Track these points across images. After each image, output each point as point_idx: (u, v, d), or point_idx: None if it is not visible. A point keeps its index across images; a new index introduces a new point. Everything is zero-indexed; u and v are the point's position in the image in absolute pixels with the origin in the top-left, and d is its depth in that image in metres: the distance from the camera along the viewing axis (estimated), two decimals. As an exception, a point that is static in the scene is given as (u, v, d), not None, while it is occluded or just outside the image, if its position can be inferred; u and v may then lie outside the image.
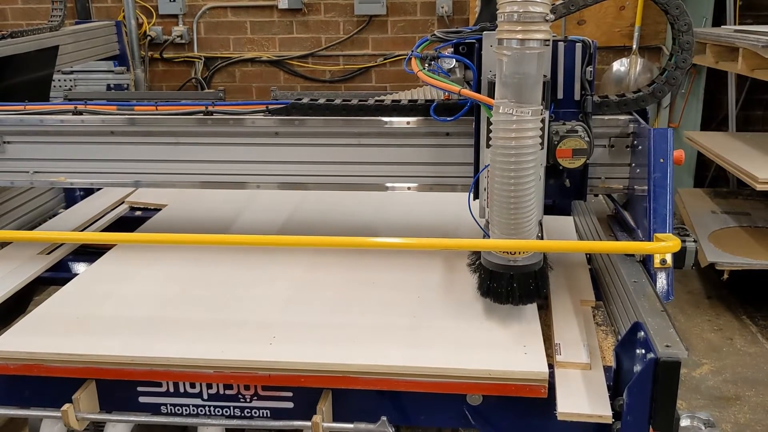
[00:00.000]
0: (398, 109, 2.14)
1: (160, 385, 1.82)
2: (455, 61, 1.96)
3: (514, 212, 1.74)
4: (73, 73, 4.80)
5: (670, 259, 1.84)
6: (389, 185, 2.22)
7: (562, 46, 1.91)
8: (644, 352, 1.53)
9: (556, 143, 1.88)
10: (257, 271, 2.23)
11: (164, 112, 2.23)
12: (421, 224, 2.64)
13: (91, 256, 2.44)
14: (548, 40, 1.67)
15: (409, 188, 2.22)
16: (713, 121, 5.79)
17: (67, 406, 1.76)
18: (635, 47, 5.56)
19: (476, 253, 1.94)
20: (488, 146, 1.79)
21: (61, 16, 3.87)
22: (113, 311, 2.00)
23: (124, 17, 6.09)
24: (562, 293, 2.04)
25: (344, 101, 2.19)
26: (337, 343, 1.80)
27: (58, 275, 2.42)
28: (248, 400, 1.81)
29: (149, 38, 6.29)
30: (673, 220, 1.88)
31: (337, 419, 1.76)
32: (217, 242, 2.26)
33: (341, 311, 1.98)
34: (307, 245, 2.30)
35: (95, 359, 1.78)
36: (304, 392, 1.76)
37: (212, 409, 1.83)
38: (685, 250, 1.88)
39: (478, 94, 1.86)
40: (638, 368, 1.53)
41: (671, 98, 5.59)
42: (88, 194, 3.13)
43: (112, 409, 1.86)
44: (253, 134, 2.21)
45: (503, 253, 1.80)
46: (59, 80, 4.71)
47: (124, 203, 3.01)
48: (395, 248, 2.29)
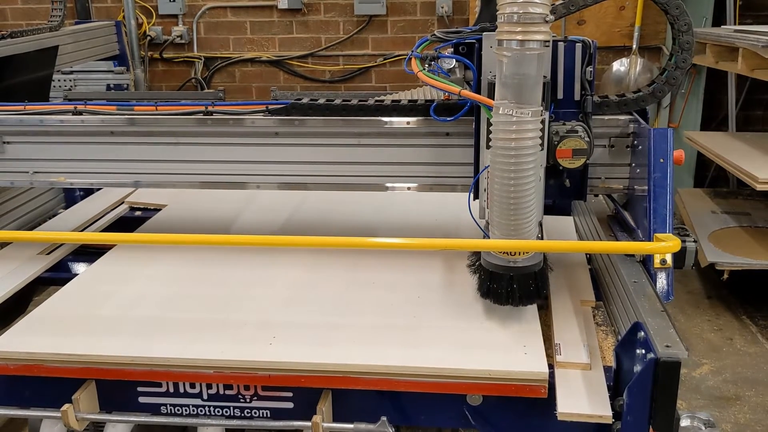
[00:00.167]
0: (398, 109, 2.14)
1: (160, 385, 1.82)
2: (455, 61, 1.96)
3: (514, 213, 1.74)
4: (72, 73, 4.80)
5: (670, 259, 1.84)
6: (389, 185, 2.22)
7: (562, 46, 1.91)
8: (644, 352, 1.53)
9: (556, 143, 1.88)
10: (257, 271, 2.23)
11: (164, 112, 2.23)
12: (420, 224, 2.63)
13: (91, 256, 2.44)
14: (548, 41, 1.67)
15: (409, 188, 2.22)
16: (713, 121, 5.79)
17: (67, 406, 1.76)
18: (635, 47, 5.56)
19: (476, 254, 1.94)
20: (488, 147, 1.78)
21: (60, 16, 3.87)
22: (113, 311, 2.00)
23: (123, 17, 6.09)
24: (562, 293, 2.04)
25: (344, 101, 2.19)
26: (337, 343, 1.80)
27: (58, 275, 2.42)
28: (248, 400, 1.81)
29: (149, 38, 6.29)
30: (673, 220, 1.88)
31: (337, 419, 1.76)
32: (216, 242, 2.26)
33: (341, 311, 1.98)
34: (307, 245, 2.30)
35: (95, 359, 1.78)
36: (304, 392, 1.76)
37: (212, 409, 1.83)
38: (685, 250, 1.88)
39: (477, 95, 1.86)
40: (638, 368, 1.53)
41: (671, 98, 5.59)
42: (87, 194, 3.13)
43: (112, 409, 1.86)
44: (252, 134, 2.21)
45: (503, 254, 1.79)
46: (59, 80, 4.71)
47: (123, 203, 3.01)
48: (395, 248, 2.29)
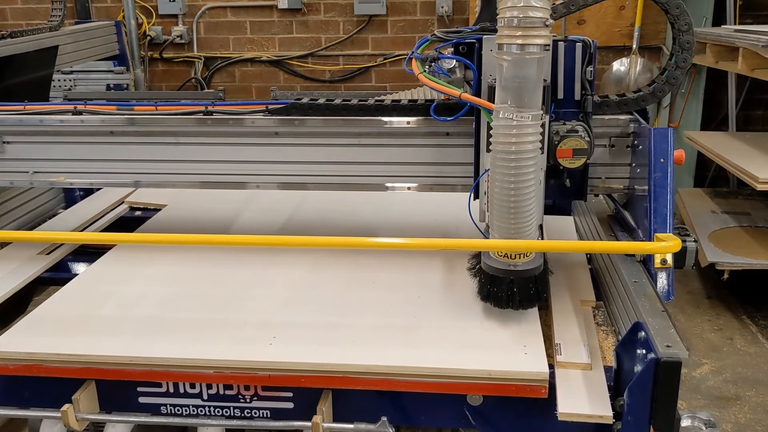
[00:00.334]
0: (398, 109, 2.14)
1: (160, 385, 1.82)
2: (455, 61, 1.96)
3: (514, 216, 1.74)
4: (72, 73, 4.79)
5: (670, 259, 1.84)
6: (389, 185, 2.22)
7: (562, 45, 1.91)
8: (645, 352, 1.53)
9: (556, 143, 1.87)
10: (257, 271, 2.23)
11: (164, 112, 2.23)
12: (421, 224, 2.63)
13: (90, 256, 2.43)
14: (548, 44, 1.67)
15: (409, 188, 2.22)
16: (713, 120, 5.79)
17: (66, 406, 1.76)
18: (635, 47, 5.56)
19: (476, 257, 1.94)
20: (488, 150, 1.78)
21: (60, 16, 3.87)
22: (113, 311, 2.00)
23: (123, 17, 6.09)
24: (562, 293, 2.04)
25: (344, 101, 2.18)
26: (337, 343, 1.80)
27: (57, 275, 2.42)
28: (248, 400, 1.80)
29: (149, 38, 6.29)
30: (673, 220, 1.88)
31: (337, 419, 1.76)
32: (216, 242, 2.26)
33: (341, 311, 1.97)
34: (307, 245, 2.30)
35: (95, 359, 1.77)
36: (304, 392, 1.76)
37: (212, 409, 1.83)
38: (685, 250, 1.88)
39: (478, 98, 1.86)
40: (639, 368, 1.53)
41: (671, 98, 5.59)
42: (87, 194, 3.13)
43: (111, 409, 1.85)
44: (252, 134, 2.21)
45: (503, 257, 1.79)
46: (59, 80, 4.71)
47: (123, 203, 3.01)
48: (395, 248, 2.29)
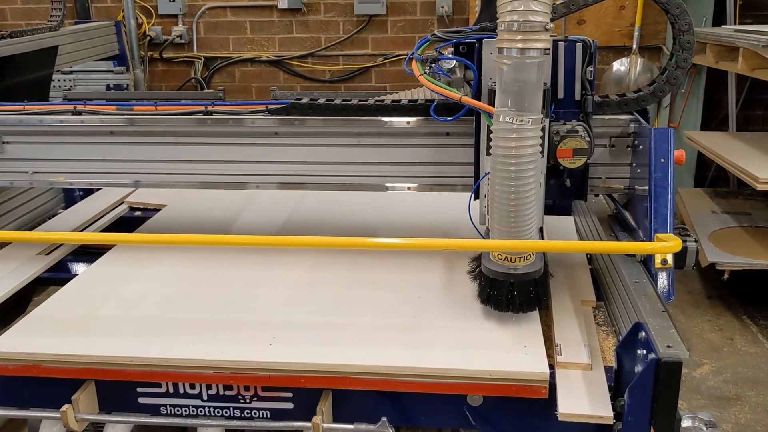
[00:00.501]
0: (398, 109, 2.14)
1: (159, 385, 1.82)
2: (455, 61, 1.96)
3: (514, 220, 1.74)
4: (72, 73, 4.79)
5: (671, 259, 1.84)
6: (389, 185, 2.22)
7: (562, 45, 1.91)
8: (645, 352, 1.53)
9: (556, 143, 1.87)
10: (257, 271, 2.23)
11: (164, 112, 2.23)
12: (421, 224, 2.63)
13: (90, 256, 2.43)
14: (548, 48, 1.67)
15: (409, 188, 2.22)
16: (713, 120, 5.79)
17: (66, 406, 1.76)
18: (635, 47, 5.56)
19: (476, 260, 1.93)
20: (488, 154, 1.78)
21: (60, 16, 3.86)
22: (113, 312, 2.00)
23: (123, 17, 6.08)
24: (562, 293, 2.03)
25: (344, 101, 2.18)
26: (337, 343, 1.80)
27: (57, 275, 2.42)
28: (248, 400, 1.80)
29: (149, 38, 6.29)
30: (673, 220, 1.87)
31: (337, 420, 1.76)
32: (216, 243, 2.26)
33: (341, 311, 1.97)
34: (306, 246, 2.30)
35: (95, 360, 1.77)
36: (304, 393, 1.76)
37: (212, 409, 1.82)
38: (686, 250, 1.88)
39: (478, 101, 1.85)
40: (639, 369, 1.53)
41: (671, 98, 5.59)
42: (87, 194, 3.13)
43: (111, 409, 1.85)
44: (252, 134, 2.21)
45: (503, 261, 1.79)
46: (59, 80, 4.71)
47: (123, 203, 3.00)
48: (395, 248, 2.28)
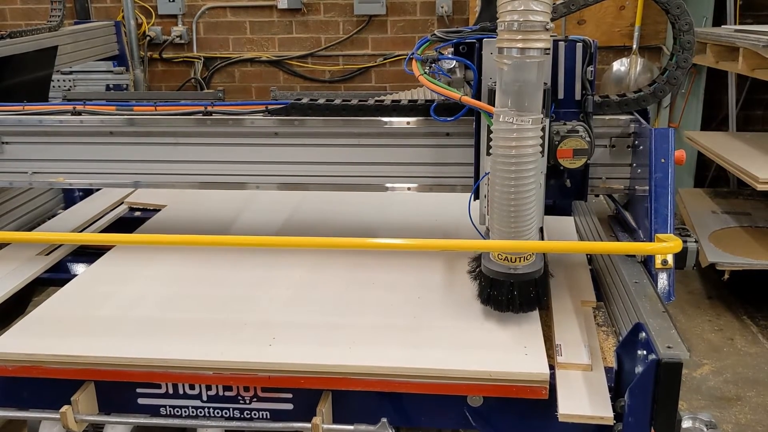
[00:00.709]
0: (398, 109, 2.13)
1: (159, 386, 1.82)
2: (455, 61, 1.96)
3: (514, 220, 1.73)
4: (72, 73, 4.79)
5: (671, 259, 1.84)
6: (389, 186, 2.22)
7: (562, 45, 1.90)
8: (646, 353, 1.52)
9: (557, 143, 1.87)
10: (256, 271, 2.22)
11: (163, 112, 2.22)
12: (420, 225, 2.63)
13: (90, 256, 2.43)
14: (548, 48, 1.67)
15: (408, 189, 2.21)
16: (713, 121, 5.78)
17: (65, 407, 1.76)
18: (635, 47, 5.56)
19: (476, 260, 1.93)
20: (488, 154, 1.78)
21: (60, 16, 3.86)
22: (112, 312, 1.99)
23: (123, 17, 6.08)
24: (562, 294, 2.03)
25: (344, 101, 2.18)
26: (337, 344, 1.79)
27: (57, 276, 2.42)
28: (248, 401, 1.80)
29: (148, 38, 6.29)
30: (674, 220, 1.87)
31: (337, 421, 1.76)
32: (216, 243, 2.25)
33: (341, 312, 1.97)
34: (306, 246, 2.30)
35: (94, 360, 1.77)
36: (303, 394, 1.76)
37: (211, 410, 1.82)
38: (686, 250, 1.88)
39: (478, 101, 1.85)
40: (640, 369, 1.52)
41: (671, 98, 5.59)
42: (87, 195, 3.12)
43: (111, 410, 1.85)
44: (252, 134, 2.21)
45: (504, 261, 1.79)
46: (58, 80, 4.70)
47: (123, 204, 3.00)
48: (395, 249, 2.28)
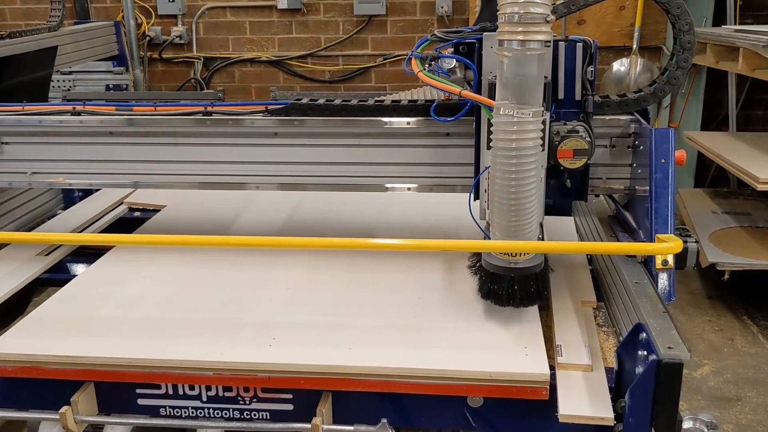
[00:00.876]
0: (398, 109, 2.13)
1: (158, 387, 1.81)
2: (455, 61, 1.96)
3: (515, 214, 1.73)
4: (72, 73, 4.79)
5: (671, 259, 1.83)
6: (389, 186, 2.21)
7: (563, 45, 1.90)
8: (646, 353, 1.52)
9: (557, 143, 1.87)
10: (256, 272, 2.22)
11: (163, 112, 2.22)
12: (420, 225, 2.63)
13: (90, 257, 2.43)
14: (549, 41, 1.67)
15: (408, 189, 2.21)
16: (713, 121, 5.78)
17: (65, 408, 1.76)
18: (635, 47, 5.56)
19: (477, 254, 1.93)
20: (489, 148, 1.78)
21: (59, 16, 3.86)
22: (112, 313, 1.99)
23: (123, 17, 6.08)
24: (563, 294, 2.03)
25: (344, 101, 2.18)
26: (337, 344, 1.79)
27: (56, 276, 2.42)
28: (248, 402, 1.80)
29: (148, 38, 6.28)
30: (674, 220, 1.87)
31: (337, 421, 1.76)
32: (216, 243, 2.25)
33: (341, 312, 1.97)
34: (306, 246, 2.29)
35: (94, 361, 1.77)
36: (303, 394, 1.76)
37: (211, 411, 1.82)
38: (686, 251, 1.88)
39: (478, 95, 1.85)
40: (640, 370, 1.52)
41: (671, 98, 5.58)
42: (86, 195, 3.12)
43: (110, 411, 1.85)
44: (252, 135, 2.20)
45: (504, 255, 1.79)
46: (58, 81, 4.71)
47: (123, 204, 3.00)
48: (395, 249, 2.28)
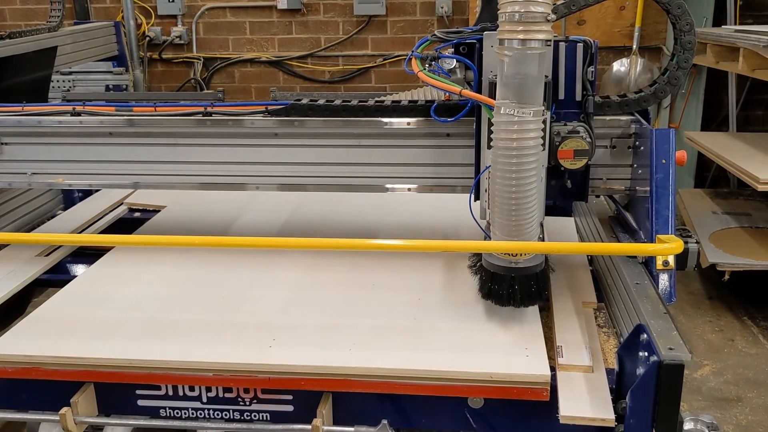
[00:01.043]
0: (398, 109, 2.13)
1: (159, 388, 1.81)
2: (455, 61, 1.95)
3: (515, 213, 1.73)
4: (71, 73, 4.79)
5: (672, 260, 1.83)
6: (389, 186, 2.21)
7: (563, 46, 1.90)
8: (647, 354, 1.52)
9: (557, 144, 1.86)
10: (256, 272, 2.22)
11: (163, 113, 2.22)
12: (421, 226, 2.62)
13: (89, 257, 2.43)
14: (550, 40, 1.66)
15: (409, 189, 2.21)
16: (713, 121, 5.78)
17: (65, 409, 1.75)
18: (635, 47, 5.55)
19: (477, 254, 1.93)
20: (489, 147, 1.78)
21: (59, 16, 3.86)
22: (112, 313, 1.99)
23: (122, 18, 6.08)
24: (563, 295, 2.03)
25: (344, 102, 2.17)
26: (337, 345, 1.79)
27: (56, 277, 2.41)
28: (248, 403, 1.79)
29: (148, 39, 6.28)
30: (675, 221, 1.87)
31: (337, 423, 1.75)
32: (216, 244, 2.25)
33: (341, 313, 1.97)
34: (306, 247, 2.29)
35: (94, 362, 1.76)
36: (304, 395, 1.75)
37: (211, 412, 1.82)
38: (687, 251, 1.87)
39: (479, 94, 1.85)
40: (641, 371, 1.52)
41: (671, 98, 5.58)
42: (86, 195, 3.12)
43: (110, 412, 1.85)
44: (252, 135, 2.20)
45: (504, 255, 1.79)
46: (58, 81, 4.70)
47: (122, 204, 3.00)
48: (395, 250, 2.28)
